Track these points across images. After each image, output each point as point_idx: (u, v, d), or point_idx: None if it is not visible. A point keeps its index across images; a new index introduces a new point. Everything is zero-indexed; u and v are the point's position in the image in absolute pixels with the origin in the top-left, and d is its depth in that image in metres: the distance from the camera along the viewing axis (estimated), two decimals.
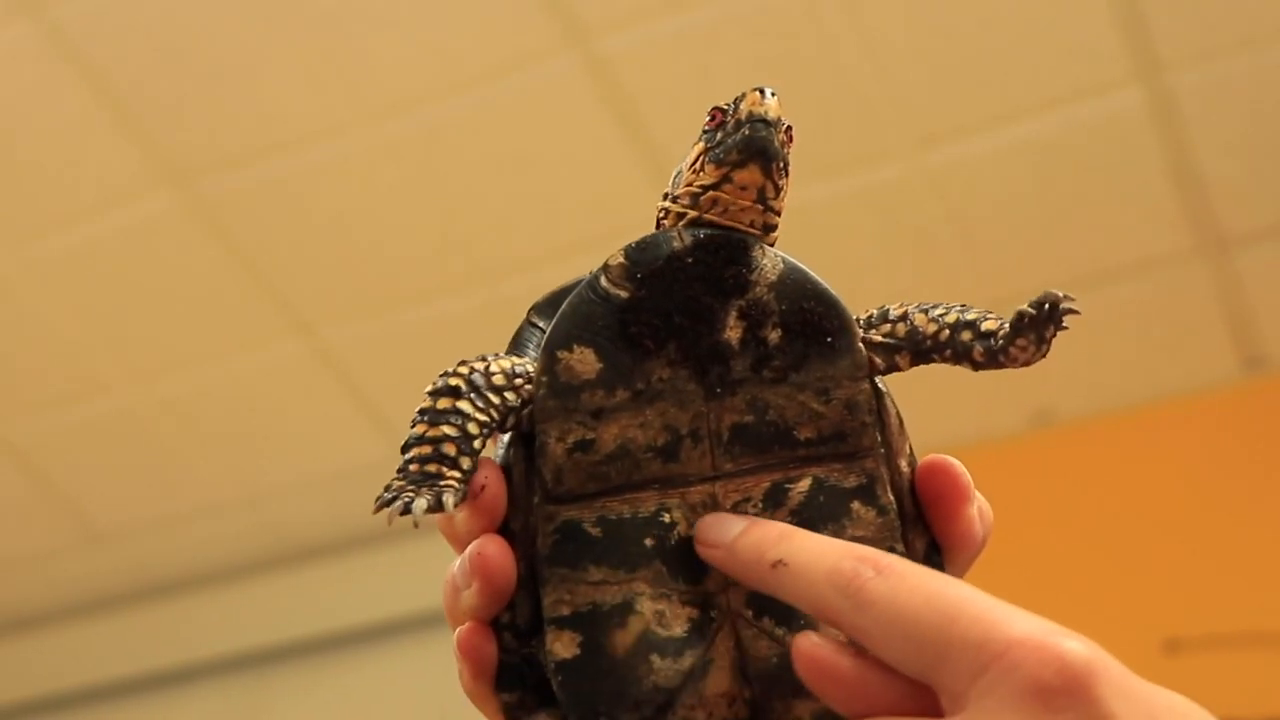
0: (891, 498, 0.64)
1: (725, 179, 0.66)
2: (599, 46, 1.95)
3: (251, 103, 2.03)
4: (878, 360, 0.66)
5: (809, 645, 0.58)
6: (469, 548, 0.64)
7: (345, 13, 1.94)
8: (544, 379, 0.64)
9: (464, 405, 0.63)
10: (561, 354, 0.64)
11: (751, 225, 0.66)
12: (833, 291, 0.65)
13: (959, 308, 0.66)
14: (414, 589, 2.61)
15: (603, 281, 0.65)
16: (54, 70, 1.99)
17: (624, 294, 0.64)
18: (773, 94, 0.66)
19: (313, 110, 2.04)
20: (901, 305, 0.67)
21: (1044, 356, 0.66)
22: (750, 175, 0.65)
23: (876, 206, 2.11)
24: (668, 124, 2.02)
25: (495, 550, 0.63)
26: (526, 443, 0.64)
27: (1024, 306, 0.64)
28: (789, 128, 0.67)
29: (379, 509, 0.61)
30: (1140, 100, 1.98)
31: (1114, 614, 2.18)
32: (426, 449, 0.62)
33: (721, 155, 0.66)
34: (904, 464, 0.66)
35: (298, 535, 2.71)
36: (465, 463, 0.62)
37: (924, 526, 0.65)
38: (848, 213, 2.10)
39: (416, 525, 0.61)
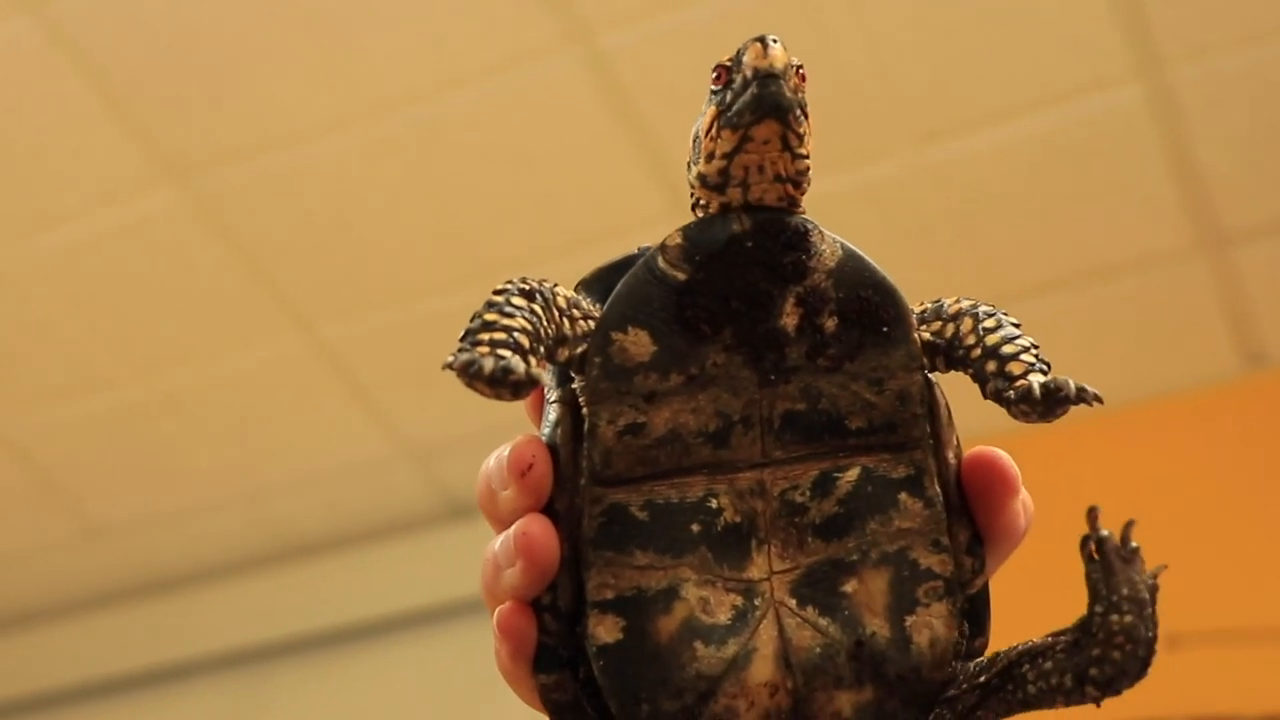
0: (938, 489, 0.64)
1: (744, 139, 0.64)
2: (600, 42, 1.95)
3: (251, 98, 2.03)
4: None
5: None
6: (513, 527, 0.63)
7: (345, 8, 1.94)
8: (597, 360, 0.63)
9: (537, 308, 0.62)
10: (616, 335, 0.63)
11: (786, 175, 0.64)
12: (891, 280, 0.64)
13: (1007, 330, 0.65)
14: (413, 585, 2.62)
15: (660, 262, 0.63)
16: (53, 66, 1.99)
17: (681, 276, 0.63)
18: (774, 40, 0.63)
19: (313, 106, 2.04)
20: (959, 302, 0.66)
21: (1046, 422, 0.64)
22: (768, 129, 0.63)
23: (877, 202, 2.11)
24: (668, 120, 2.01)
25: (540, 530, 0.62)
26: (574, 422, 0.64)
27: (1052, 383, 0.62)
28: (799, 69, 0.64)
29: (448, 366, 0.59)
30: (1140, 96, 1.98)
31: None
32: (500, 334, 0.60)
33: (735, 119, 0.63)
34: (951, 455, 0.65)
35: (297, 531, 2.70)
36: (533, 360, 0.60)
37: (968, 518, 0.65)
38: (848, 208, 2.10)
39: (481, 386, 0.58)
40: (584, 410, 0.63)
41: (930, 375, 0.65)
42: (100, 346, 2.38)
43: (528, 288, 0.62)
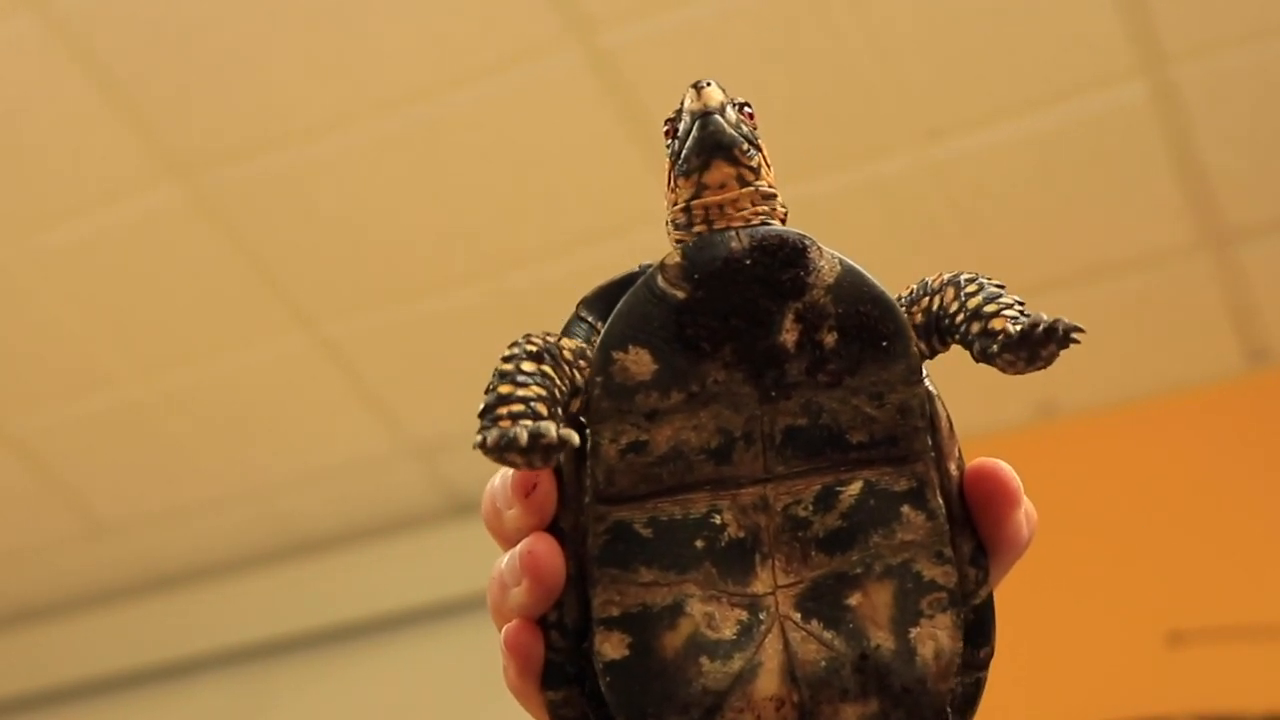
0: (941, 501, 0.64)
1: (700, 185, 0.65)
2: (603, 40, 1.95)
3: (255, 96, 2.03)
4: (922, 346, 0.65)
5: None
6: (519, 546, 0.63)
7: (349, 6, 1.94)
8: (598, 379, 0.63)
9: (548, 369, 0.62)
10: (617, 354, 0.63)
11: (753, 206, 0.66)
12: (889, 295, 0.65)
13: (989, 291, 0.65)
14: (417, 582, 2.62)
15: (659, 281, 0.64)
16: (57, 63, 1.99)
17: (681, 294, 0.63)
18: (709, 83, 0.65)
19: (316, 103, 2.04)
20: (940, 276, 0.67)
21: (1041, 368, 0.63)
22: (718, 172, 0.65)
23: (881, 199, 2.11)
24: None
25: (545, 549, 0.63)
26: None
27: (1031, 323, 0.62)
28: (743, 105, 0.67)
29: (479, 446, 0.59)
30: (1144, 93, 1.97)
31: (1118, 606, 2.18)
32: (519, 406, 0.60)
33: (685, 166, 0.65)
34: (953, 467, 0.65)
35: (301, 528, 2.71)
36: (554, 426, 0.61)
37: (971, 529, 0.65)
38: (853, 205, 2.10)
39: (515, 458, 0.59)
40: (586, 429, 0.64)
41: (931, 386, 0.65)
42: (104, 344, 2.39)
43: (535, 349, 0.63)
